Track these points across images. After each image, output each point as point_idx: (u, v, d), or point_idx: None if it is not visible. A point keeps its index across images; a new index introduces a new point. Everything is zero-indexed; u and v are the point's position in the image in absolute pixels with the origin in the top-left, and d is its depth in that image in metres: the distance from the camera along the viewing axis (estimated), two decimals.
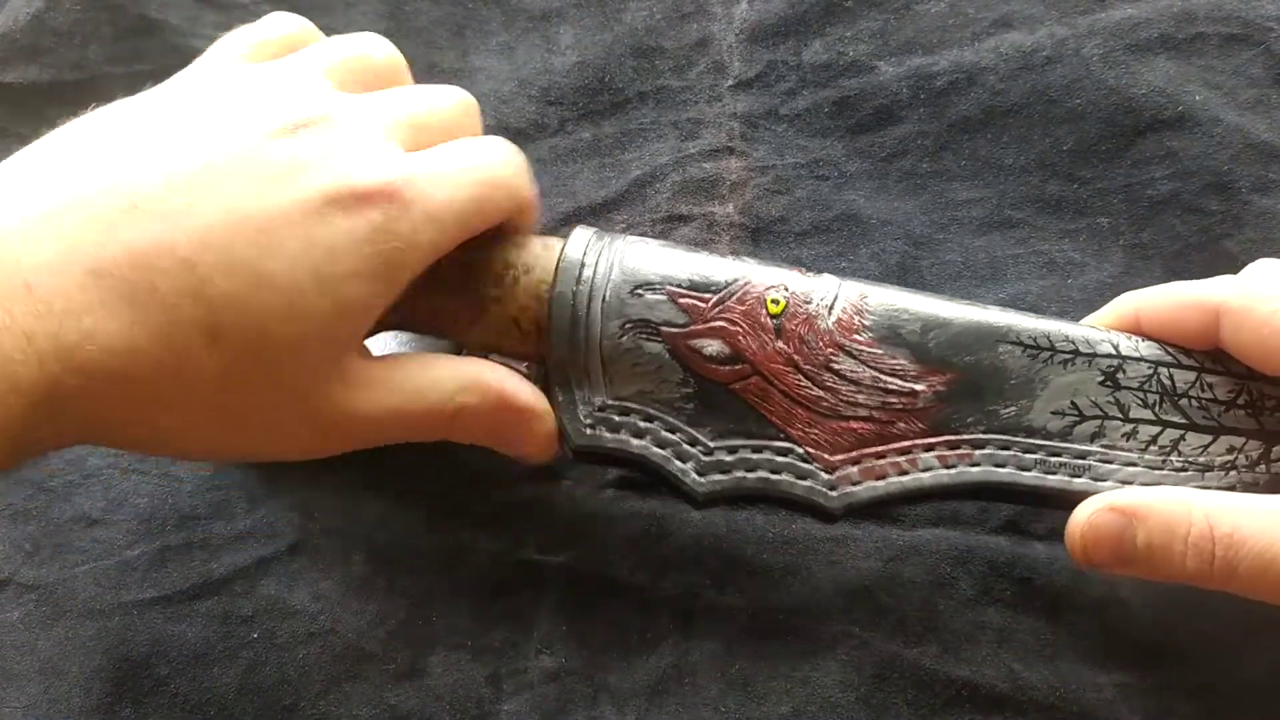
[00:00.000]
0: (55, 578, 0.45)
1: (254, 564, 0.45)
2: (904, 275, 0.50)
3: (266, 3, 0.58)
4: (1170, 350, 0.41)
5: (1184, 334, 0.40)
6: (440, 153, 0.37)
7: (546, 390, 0.41)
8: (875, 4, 0.57)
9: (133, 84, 0.57)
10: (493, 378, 0.38)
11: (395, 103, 0.38)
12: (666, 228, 0.52)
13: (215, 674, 0.42)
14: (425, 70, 0.58)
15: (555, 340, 0.41)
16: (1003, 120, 0.53)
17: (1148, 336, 0.41)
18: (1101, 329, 0.42)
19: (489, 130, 0.56)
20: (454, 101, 0.41)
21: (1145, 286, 0.49)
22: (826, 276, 0.42)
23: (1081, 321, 0.42)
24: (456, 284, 0.40)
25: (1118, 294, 0.49)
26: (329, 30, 0.48)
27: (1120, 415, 0.40)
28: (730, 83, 0.56)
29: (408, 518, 0.45)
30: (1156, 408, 0.40)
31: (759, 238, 0.52)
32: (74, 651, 0.43)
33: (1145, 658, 0.41)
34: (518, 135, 0.56)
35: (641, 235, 0.48)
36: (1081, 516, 0.37)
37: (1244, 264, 0.48)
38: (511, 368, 0.40)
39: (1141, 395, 0.40)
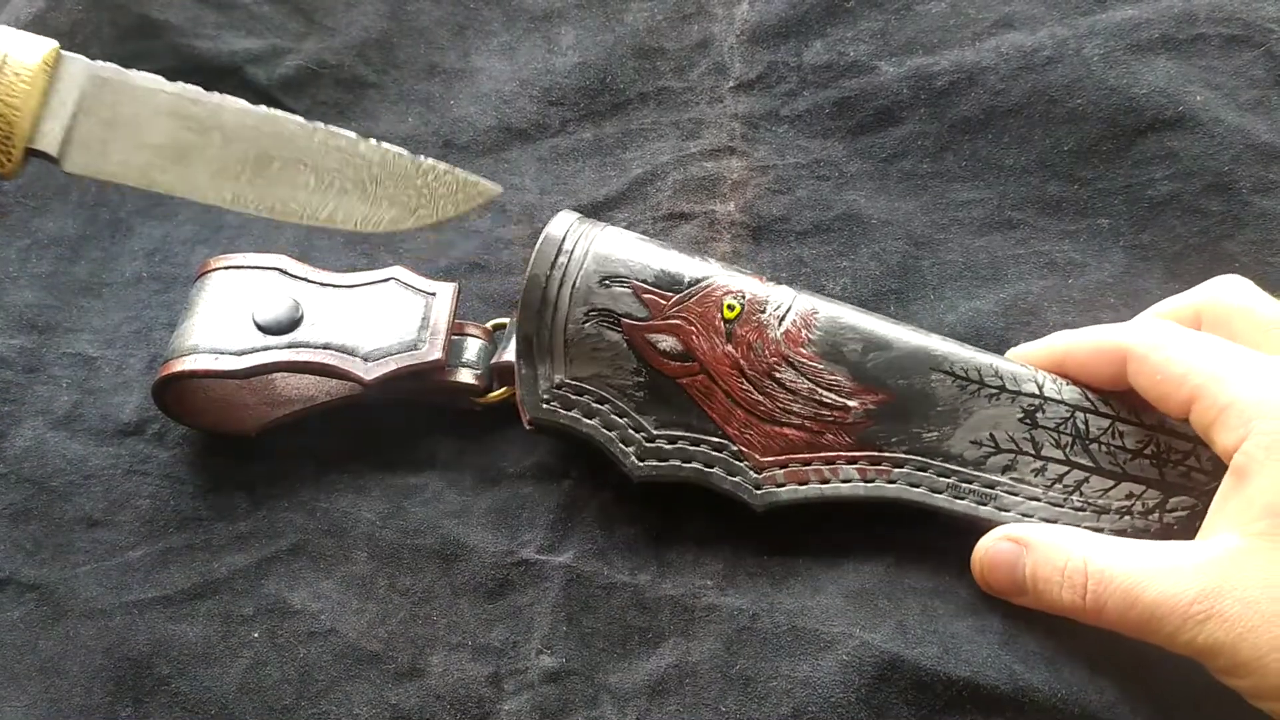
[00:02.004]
0: (56, 577, 0.45)
1: (255, 564, 0.45)
2: (905, 275, 0.50)
3: (267, 3, 0.59)
4: (1091, 396, 0.44)
5: (1099, 377, 0.43)
6: None
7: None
8: (876, 4, 0.57)
9: None
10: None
11: None
12: (667, 226, 0.52)
13: (216, 673, 0.42)
14: (425, 70, 0.58)
15: (524, 317, 0.44)
16: (1003, 120, 0.53)
17: (1071, 379, 0.44)
18: (1031, 369, 0.44)
19: (490, 130, 0.57)
20: None
21: (1146, 286, 0.49)
22: (784, 288, 0.45)
23: (1013, 350, 0.45)
24: None
25: (1118, 294, 0.49)
26: (330, 31, 0.49)
27: (1033, 452, 0.43)
28: (731, 83, 0.56)
29: (408, 518, 0.45)
30: (1068, 449, 0.43)
31: (760, 236, 0.52)
32: (75, 651, 0.43)
33: (1146, 660, 0.41)
34: (519, 135, 0.56)
35: (642, 233, 0.48)
36: (984, 544, 0.41)
37: (1244, 264, 0.48)
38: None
39: (1056, 436, 0.43)
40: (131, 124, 0.41)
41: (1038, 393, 0.43)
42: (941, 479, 0.43)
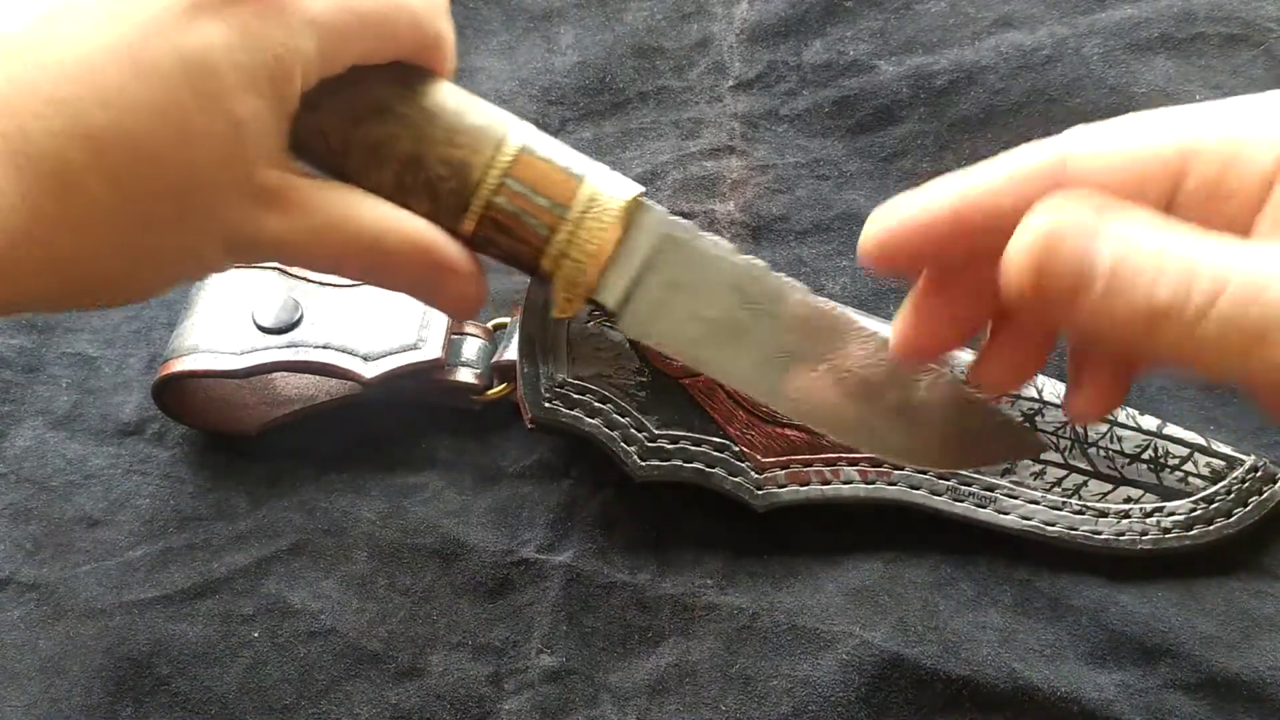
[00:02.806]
0: (56, 577, 0.45)
1: (255, 564, 0.45)
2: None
3: None
4: None
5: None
6: None
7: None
8: (875, 4, 0.57)
9: None
10: (417, 226, 0.35)
11: None
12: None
13: (216, 673, 0.42)
14: None
15: (527, 316, 0.43)
16: (1003, 119, 0.53)
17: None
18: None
19: None
20: None
21: None
22: None
23: (874, 225, 0.36)
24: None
25: None
26: None
27: None
28: (731, 83, 0.56)
29: (407, 517, 0.45)
30: (1066, 453, 0.43)
31: (760, 236, 0.52)
32: (75, 651, 0.43)
33: (1145, 658, 0.41)
34: None
35: None
36: (1046, 213, 0.27)
37: None
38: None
39: (1054, 439, 0.43)
40: (692, 291, 0.37)
41: (1037, 396, 0.43)
42: (942, 481, 0.43)
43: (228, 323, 0.45)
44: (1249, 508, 0.42)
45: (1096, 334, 0.27)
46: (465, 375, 0.47)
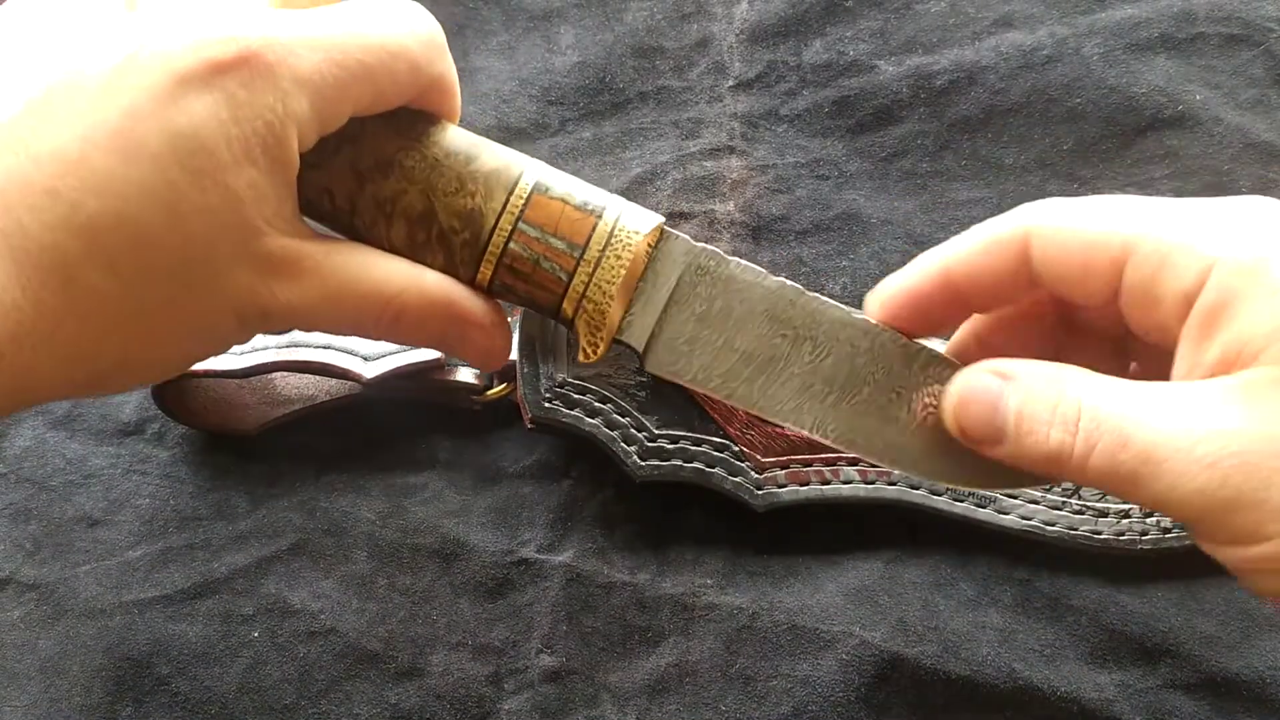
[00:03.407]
0: (56, 577, 0.45)
1: (255, 564, 0.45)
2: None
3: None
4: None
5: (998, 285, 0.34)
6: (319, 12, 0.32)
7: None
8: (875, 4, 0.57)
9: None
10: (434, 281, 0.34)
11: None
12: (667, 225, 0.52)
13: (216, 673, 0.42)
14: None
15: (527, 316, 0.43)
16: (1003, 120, 0.53)
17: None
18: None
19: (489, 130, 0.57)
20: None
21: None
22: None
23: (875, 293, 0.38)
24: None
25: None
26: None
27: None
28: (731, 83, 0.56)
29: (408, 517, 0.45)
30: None
31: (760, 236, 0.52)
32: (75, 651, 0.43)
33: (1145, 658, 0.41)
34: (518, 135, 0.56)
35: None
36: (961, 378, 0.33)
37: None
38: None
39: None
40: (723, 321, 0.35)
41: None
42: None
43: None
44: None
45: (1028, 473, 0.32)
46: (465, 375, 0.47)
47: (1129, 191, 0.51)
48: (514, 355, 0.45)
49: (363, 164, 0.34)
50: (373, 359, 0.45)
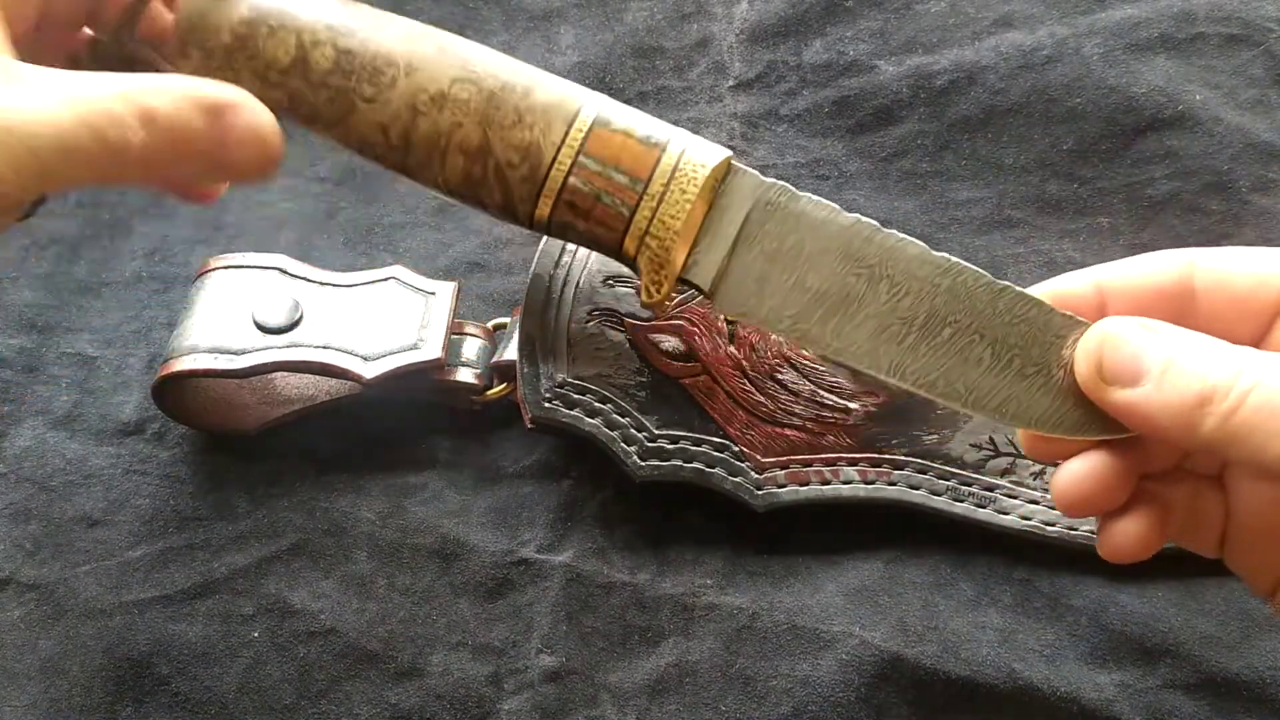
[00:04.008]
0: (56, 577, 0.45)
1: (255, 564, 0.45)
2: None
3: None
4: None
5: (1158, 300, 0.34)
6: (61, 75, 0.30)
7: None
8: (875, 4, 0.57)
9: None
10: (177, 77, 0.31)
11: None
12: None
13: (216, 673, 0.42)
14: None
15: (527, 316, 0.43)
16: (1003, 120, 0.53)
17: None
18: None
19: None
20: None
21: None
22: None
23: (1042, 286, 0.39)
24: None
25: None
26: None
27: None
28: (731, 83, 0.56)
29: (408, 517, 0.45)
30: None
31: None
32: (75, 651, 0.43)
33: (1145, 658, 0.41)
34: None
35: None
36: (1106, 323, 0.32)
37: None
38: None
39: None
40: (794, 259, 0.34)
41: None
42: (941, 481, 0.43)
43: (228, 323, 0.45)
44: None
45: (1147, 419, 0.31)
46: (465, 375, 0.47)
47: (1129, 191, 0.51)
48: (513, 355, 0.45)
49: (418, 98, 0.33)
50: (373, 359, 0.45)
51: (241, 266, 0.47)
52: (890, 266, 0.34)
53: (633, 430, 0.44)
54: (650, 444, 0.44)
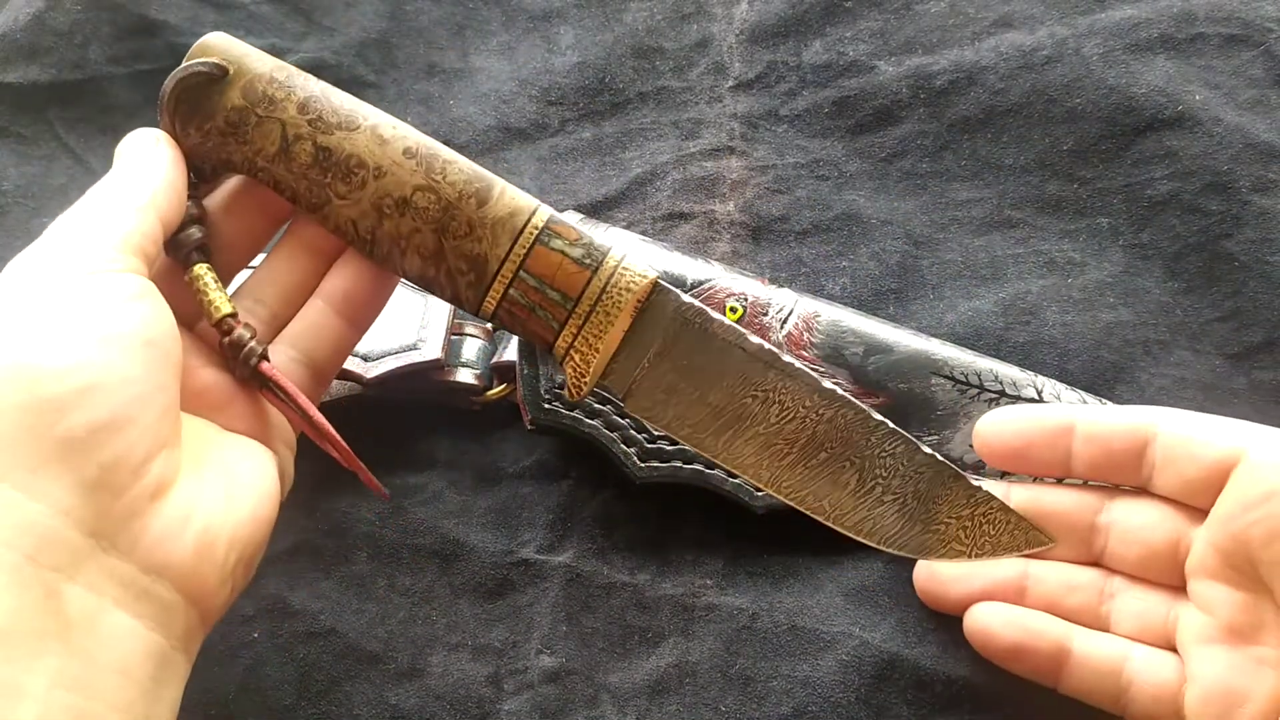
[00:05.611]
0: None
1: None
2: (904, 275, 0.50)
3: (266, 3, 0.59)
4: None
5: (1118, 466, 0.39)
6: None
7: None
8: (875, 4, 0.57)
9: (133, 84, 0.57)
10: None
11: None
12: (667, 225, 0.52)
13: (216, 673, 0.42)
14: (425, 70, 0.58)
15: None
16: (1003, 120, 0.53)
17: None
18: (1030, 374, 0.44)
19: (489, 130, 0.57)
20: None
21: (1145, 286, 0.49)
22: (786, 291, 0.45)
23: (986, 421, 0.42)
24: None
25: (1117, 294, 0.49)
26: (329, 31, 0.48)
27: None
28: (730, 83, 0.56)
29: (408, 518, 0.45)
30: None
31: (759, 236, 0.52)
32: None
33: None
34: (519, 135, 0.56)
35: (642, 233, 0.48)
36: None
37: (1243, 264, 0.48)
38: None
39: None
40: (700, 377, 0.38)
41: (1036, 398, 0.44)
42: None
43: None
44: None
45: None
46: (465, 376, 0.47)
47: (1129, 191, 0.51)
48: (513, 356, 0.45)
49: (384, 201, 0.37)
50: (373, 359, 0.45)
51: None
52: (783, 393, 0.38)
53: (632, 431, 0.44)
54: (650, 445, 0.44)
